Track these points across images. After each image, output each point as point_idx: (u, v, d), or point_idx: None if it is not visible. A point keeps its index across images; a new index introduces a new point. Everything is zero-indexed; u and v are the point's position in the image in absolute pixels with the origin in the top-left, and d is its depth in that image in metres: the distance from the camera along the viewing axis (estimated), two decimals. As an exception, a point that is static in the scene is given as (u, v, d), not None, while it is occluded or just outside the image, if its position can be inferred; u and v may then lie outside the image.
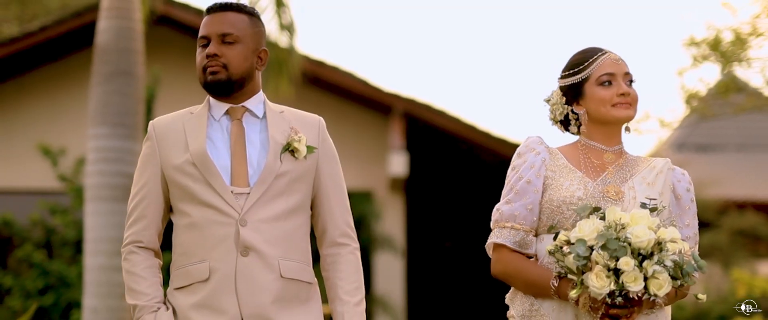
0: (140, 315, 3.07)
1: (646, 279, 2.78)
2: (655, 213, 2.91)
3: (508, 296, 3.16)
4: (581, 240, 2.80)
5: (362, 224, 11.50)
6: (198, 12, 11.76)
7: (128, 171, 7.44)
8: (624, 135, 3.22)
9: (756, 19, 7.94)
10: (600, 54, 3.14)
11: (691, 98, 7.36)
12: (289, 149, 3.09)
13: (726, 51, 6.99)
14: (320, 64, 11.68)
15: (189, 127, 3.12)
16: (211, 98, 3.15)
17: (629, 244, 2.78)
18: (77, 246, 11.28)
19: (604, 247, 2.77)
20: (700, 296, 2.84)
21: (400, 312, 11.85)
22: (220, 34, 3.08)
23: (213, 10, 3.14)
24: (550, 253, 2.91)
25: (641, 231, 2.79)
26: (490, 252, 3.12)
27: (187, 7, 11.83)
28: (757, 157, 17.68)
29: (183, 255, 3.07)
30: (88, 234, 7.48)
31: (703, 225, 15.62)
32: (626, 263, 2.75)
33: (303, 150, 3.10)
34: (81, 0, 14.45)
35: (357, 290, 3.13)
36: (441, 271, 14.86)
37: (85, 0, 14.25)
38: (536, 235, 3.13)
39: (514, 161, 3.16)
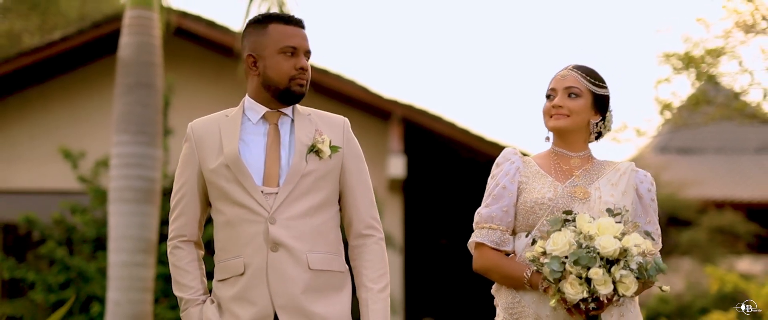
0: (187, 307, 3.14)
1: (614, 282, 2.92)
2: (620, 217, 3.05)
3: (493, 288, 3.30)
4: (556, 258, 2.94)
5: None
6: (208, 23, 11.77)
7: (148, 175, 7.60)
8: (598, 142, 3.37)
9: (728, 33, 8.01)
10: (558, 71, 3.33)
11: (665, 109, 7.47)
12: (314, 150, 3.10)
13: (697, 66, 7.23)
14: (324, 73, 11.66)
15: (224, 130, 3.13)
16: (249, 100, 3.17)
17: (598, 254, 2.92)
18: (96, 243, 11.35)
19: (576, 263, 2.91)
20: (663, 288, 2.98)
21: (399, 304, 11.78)
22: (306, 50, 3.13)
23: (299, 24, 3.15)
24: (530, 261, 3.06)
25: (607, 241, 2.92)
26: (472, 250, 3.28)
27: (198, 19, 11.76)
28: (735, 160, 17.61)
29: (222, 250, 3.12)
30: (112, 233, 7.55)
31: (684, 223, 15.84)
32: (596, 273, 2.89)
33: (327, 150, 3.11)
34: (99, 11, 14.25)
35: (381, 277, 3.15)
36: (437, 266, 14.85)
37: (103, 11, 14.30)
38: (514, 234, 3.26)
39: (493, 170, 3.33)
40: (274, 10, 8.77)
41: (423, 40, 44.66)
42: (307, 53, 3.13)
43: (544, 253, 2.99)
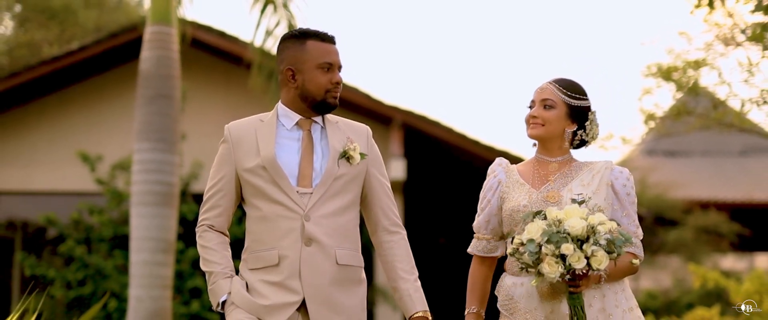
0: (215, 279, 3.23)
1: (587, 258, 3.05)
2: (584, 204, 3.16)
3: (497, 288, 3.46)
4: (531, 240, 3.08)
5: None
6: (219, 34, 11.77)
7: (167, 180, 7.77)
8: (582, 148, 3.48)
9: (709, 46, 8.10)
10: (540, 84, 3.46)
11: (649, 119, 7.61)
12: (346, 156, 3.23)
13: (678, 80, 7.38)
14: None
15: (260, 134, 3.23)
16: (283, 108, 3.28)
17: (568, 234, 3.05)
18: (113, 242, 11.43)
19: (548, 241, 3.04)
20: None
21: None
22: (340, 65, 3.27)
23: (333, 41, 3.29)
24: (510, 255, 3.22)
25: (575, 221, 3.07)
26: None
27: (210, 29, 11.77)
28: (719, 162, 17.61)
29: (255, 242, 3.21)
30: (133, 234, 7.69)
31: (670, 223, 15.92)
32: (567, 248, 3.02)
33: (357, 157, 3.24)
34: (115, 22, 14.23)
35: (413, 269, 3.30)
36: (436, 264, 14.77)
37: (118, 22, 14.22)
38: (502, 238, 3.47)
39: (484, 183, 3.50)
40: (283, 23, 8.86)
41: (422, 50, 45.34)
42: (340, 68, 3.27)
43: (521, 243, 3.13)
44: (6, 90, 12.01)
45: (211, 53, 12.26)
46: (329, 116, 3.31)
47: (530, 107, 3.42)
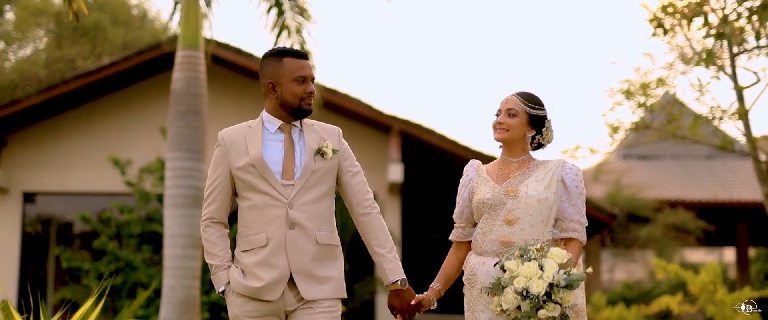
0: (216, 271, 3.44)
1: (560, 303, 3.32)
2: (532, 250, 3.36)
3: (464, 263, 3.72)
4: (517, 313, 3.37)
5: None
6: (236, 50, 11.91)
7: (196, 184, 7.99)
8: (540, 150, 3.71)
9: (671, 65, 8.39)
10: (505, 96, 3.67)
11: (613, 132, 7.93)
12: (320, 152, 3.43)
13: (637, 99, 7.66)
14: (334, 92, 11.72)
15: (248, 138, 3.42)
16: (266, 115, 3.46)
17: (537, 297, 3.29)
18: (141, 238, 11.75)
19: (526, 316, 3.33)
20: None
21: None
22: (312, 77, 3.46)
23: (306, 57, 3.49)
24: (488, 293, 3.46)
25: (537, 284, 3.28)
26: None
27: (228, 47, 11.83)
28: (687, 165, 17.70)
29: (246, 227, 3.41)
30: (167, 232, 7.91)
31: (643, 220, 16.28)
32: (543, 313, 3.28)
33: (330, 153, 3.43)
34: (141, 39, 14.31)
35: (386, 242, 3.47)
36: (430, 257, 15.07)
37: (145, 39, 14.31)
38: (474, 226, 3.68)
39: (460, 181, 3.75)
40: (296, 45, 9.27)
41: (419, 66, 47.05)
42: (313, 79, 3.45)
43: (502, 310, 3.39)
44: (44, 101, 12.19)
45: (228, 68, 12.41)
46: (306, 120, 3.52)
47: (497, 115, 3.64)
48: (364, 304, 12.31)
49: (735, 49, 7.76)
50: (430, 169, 13.91)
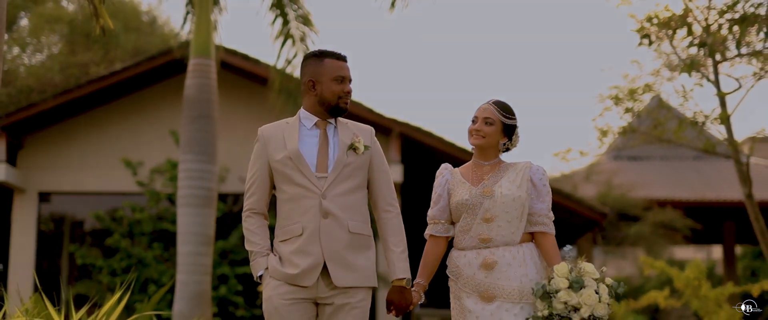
0: (256, 257, 3.52)
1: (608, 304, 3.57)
2: (576, 275, 3.55)
3: (447, 259, 3.81)
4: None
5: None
6: (244, 57, 11.93)
7: (207, 185, 8.16)
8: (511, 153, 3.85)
9: (657, 72, 8.69)
10: (482, 104, 3.77)
11: (602, 136, 8.17)
12: (352, 147, 3.53)
13: (625, 105, 7.91)
14: None
15: (286, 133, 3.52)
16: (304, 112, 3.57)
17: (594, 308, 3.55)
18: (152, 236, 11.86)
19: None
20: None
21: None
22: (350, 78, 3.57)
23: (345, 59, 3.58)
24: (539, 296, 3.60)
25: (591, 299, 3.52)
26: (427, 237, 3.89)
27: (235, 53, 11.84)
28: (676, 166, 17.74)
29: (284, 218, 3.50)
30: (180, 230, 8.08)
31: (632, 218, 16.39)
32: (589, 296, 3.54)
33: (362, 148, 3.53)
34: (151, 45, 14.33)
35: (400, 242, 3.57)
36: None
37: (155, 45, 14.26)
38: (452, 224, 3.79)
39: (434, 182, 3.85)
40: (300, 55, 9.46)
41: (418, 72, 47.74)
42: (350, 80, 3.57)
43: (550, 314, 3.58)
44: (59, 105, 12.27)
45: (236, 73, 12.45)
46: (341, 118, 3.63)
47: (473, 122, 3.75)
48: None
49: (717, 58, 8.02)
50: (429, 170, 13.53)
